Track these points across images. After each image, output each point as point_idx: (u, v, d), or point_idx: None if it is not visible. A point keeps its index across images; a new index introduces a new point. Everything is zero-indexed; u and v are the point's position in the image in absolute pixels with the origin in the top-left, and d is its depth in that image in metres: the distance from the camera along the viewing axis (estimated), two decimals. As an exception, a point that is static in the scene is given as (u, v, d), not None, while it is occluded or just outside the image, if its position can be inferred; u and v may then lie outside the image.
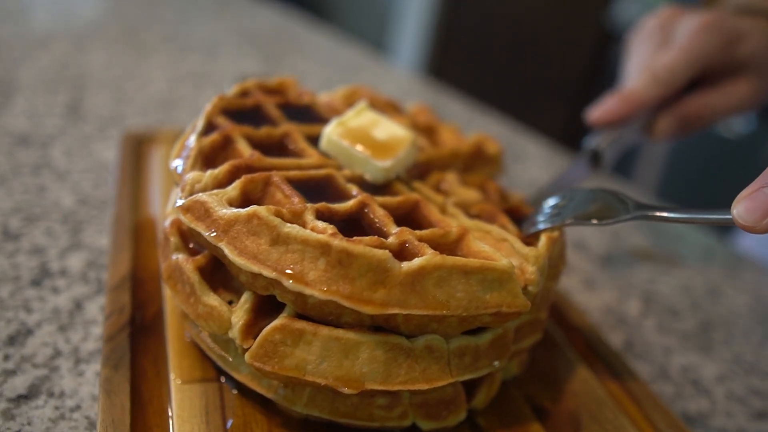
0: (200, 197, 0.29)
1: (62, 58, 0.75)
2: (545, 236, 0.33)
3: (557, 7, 1.80)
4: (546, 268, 0.32)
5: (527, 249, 0.31)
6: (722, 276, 0.56)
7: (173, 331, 0.35)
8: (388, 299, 0.26)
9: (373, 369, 0.27)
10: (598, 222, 0.33)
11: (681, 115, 0.46)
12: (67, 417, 0.31)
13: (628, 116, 0.44)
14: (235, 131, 0.34)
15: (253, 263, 0.27)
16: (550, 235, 0.33)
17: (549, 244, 0.33)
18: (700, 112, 0.46)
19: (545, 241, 0.33)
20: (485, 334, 0.30)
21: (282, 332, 0.27)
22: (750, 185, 0.26)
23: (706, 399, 0.41)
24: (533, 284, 0.30)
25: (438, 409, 0.30)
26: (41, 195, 0.48)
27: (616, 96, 0.44)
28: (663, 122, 0.46)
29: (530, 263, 0.31)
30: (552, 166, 0.72)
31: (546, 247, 0.32)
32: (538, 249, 0.32)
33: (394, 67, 1.00)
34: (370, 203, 0.31)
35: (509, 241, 0.32)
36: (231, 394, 0.31)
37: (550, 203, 0.36)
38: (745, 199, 0.26)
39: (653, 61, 0.45)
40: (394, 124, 0.37)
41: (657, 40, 0.47)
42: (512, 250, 0.32)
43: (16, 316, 0.36)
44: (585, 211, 0.34)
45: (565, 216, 0.34)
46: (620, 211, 0.32)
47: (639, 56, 0.47)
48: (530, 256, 0.31)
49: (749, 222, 0.25)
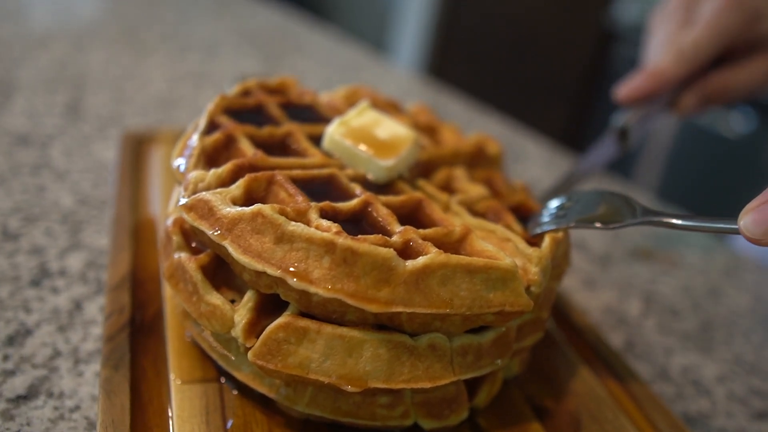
0: (204, 196, 0.29)
1: (62, 57, 0.75)
2: (549, 237, 0.33)
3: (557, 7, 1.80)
4: (549, 268, 0.32)
5: (530, 249, 0.31)
6: (723, 276, 0.56)
7: (173, 331, 0.35)
8: (392, 297, 0.26)
9: (376, 367, 0.27)
10: (603, 225, 0.33)
11: (705, 92, 0.47)
12: (67, 417, 0.30)
13: (656, 93, 0.45)
14: (238, 130, 0.34)
15: (257, 261, 0.27)
16: (553, 236, 0.33)
17: (552, 245, 0.32)
18: (723, 89, 0.47)
19: (549, 242, 0.33)
20: (488, 332, 0.30)
21: (286, 330, 0.27)
22: (757, 197, 0.26)
23: (706, 399, 0.41)
24: (536, 285, 0.30)
25: (440, 408, 0.30)
26: (41, 195, 0.48)
27: (644, 73, 0.45)
28: (688, 98, 0.47)
29: (533, 264, 0.31)
30: (552, 165, 0.72)
31: (549, 248, 0.32)
32: (541, 250, 0.32)
33: (394, 67, 1.00)
34: (374, 202, 0.31)
35: (513, 241, 0.32)
36: (231, 395, 0.31)
37: (556, 204, 0.36)
38: (753, 212, 0.26)
39: (678, 38, 0.46)
40: (396, 123, 0.37)
41: (680, 18, 0.48)
42: (516, 250, 0.32)
43: (16, 316, 0.36)
44: (590, 213, 0.33)
45: (571, 218, 0.34)
46: (626, 216, 0.32)
47: (662, 34, 0.48)
48: (533, 256, 0.31)
49: (756, 235, 0.25)
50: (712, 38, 0.45)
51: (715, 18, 0.46)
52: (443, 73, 1.91)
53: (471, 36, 1.92)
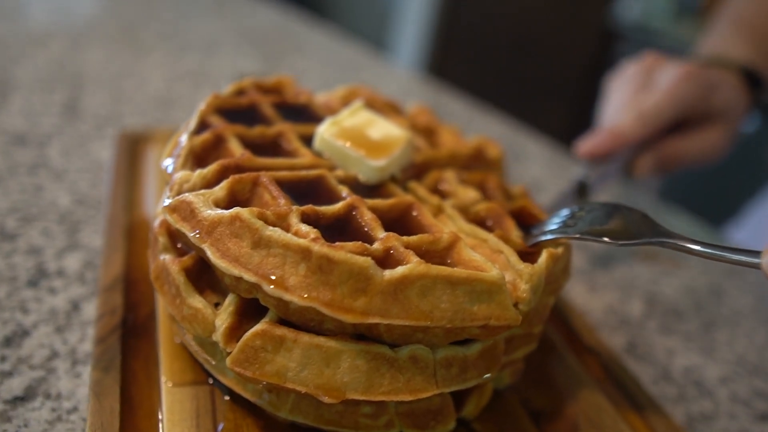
0: (187, 197, 0.29)
1: (59, 56, 0.74)
2: (546, 253, 0.31)
3: (557, 7, 1.80)
4: (541, 285, 0.30)
5: (522, 265, 0.30)
6: (725, 276, 0.56)
7: (165, 333, 0.34)
8: (369, 308, 0.25)
9: (354, 378, 0.26)
10: (611, 240, 0.31)
11: (659, 156, 0.50)
12: (64, 419, 0.30)
13: (614, 151, 0.48)
14: (228, 130, 0.34)
15: (234, 266, 0.26)
16: (551, 252, 0.31)
17: (549, 262, 0.31)
18: (676, 155, 0.51)
19: (545, 257, 0.31)
20: (474, 344, 0.29)
21: (263, 338, 0.27)
22: None
23: (709, 401, 0.40)
24: (524, 303, 0.29)
25: (425, 419, 0.30)
26: (38, 195, 0.48)
27: (605, 131, 0.48)
28: (643, 162, 0.50)
29: (524, 281, 0.29)
30: (553, 165, 0.71)
31: (545, 265, 0.30)
32: (534, 267, 0.30)
33: (394, 67, 1.00)
34: (359, 206, 0.30)
35: (505, 253, 0.31)
36: (222, 398, 0.31)
37: (566, 212, 0.34)
38: None
39: (638, 102, 0.49)
40: (389, 123, 0.36)
41: (639, 82, 0.51)
42: (507, 264, 0.30)
43: (13, 316, 0.36)
44: (601, 226, 0.31)
45: (581, 228, 0.32)
46: (639, 234, 0.30)
47: (621, 97, 0.51)
48: (524, 273, 0.29)
49: None
50: (670, 105, 0.48)
51: (674, 86, 0.48)
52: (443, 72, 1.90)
53: (471, 35, 1.91)
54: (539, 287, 0.30)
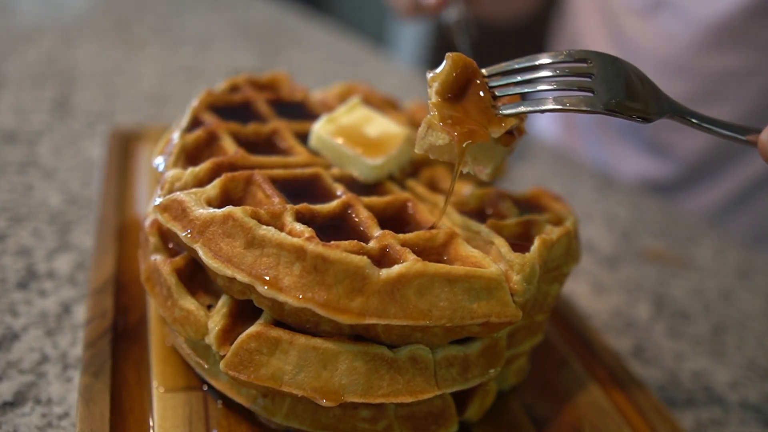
0: (178, 196, 0.29)
1: (50, 51, 0.73)
2: (539, 240, 0.30)
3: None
4: (535, 275, 0.29)
5: (513, 255, 0.29)
6: (735, 278, 0.55)
7: (157, 337, 0.33)
8: (365, 308, 0.25)
9: (352, 380, 0.26)
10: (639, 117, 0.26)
11: None
12: (55, 425, 0.30)
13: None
14: (221, 128, 0.33)
15: (227, 266, 0.26)
16: (544, 239, 0.30)
17: (542, 249, 0.30)
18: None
19: (538, 245, 0.30)
20: (475, 342, 0.29)
21: (257, 340, 0.26)
22: None
23: (718, 406, 0.39)
24: (519, 294, 0.28)
25: (426, 422, 0.29)
26: (28, 194, 0.47)
27: None
28: None
29: (515, 271, 0.28)
30: (553, 165, 0.70)
31: (538, 253, 0.29)
32: (526, 256, 0.29)
33: (394, 61, 0.98)
34: (355, 204, 0.30)
35: (496, 244, 0.30)
36: (215, 404, 0.30)
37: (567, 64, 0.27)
38: None
39: None
40: (388, 120, 0.35)
41: None
42: (498, 255, 0.29)
43: (2, 320, 0.35)
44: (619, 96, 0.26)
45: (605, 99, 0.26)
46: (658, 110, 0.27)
47: None
48: (515, 263, 0.28)
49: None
50: None
51: None
52: (444, 67, 1.88)
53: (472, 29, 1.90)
54: (533, 277, 0.29)
